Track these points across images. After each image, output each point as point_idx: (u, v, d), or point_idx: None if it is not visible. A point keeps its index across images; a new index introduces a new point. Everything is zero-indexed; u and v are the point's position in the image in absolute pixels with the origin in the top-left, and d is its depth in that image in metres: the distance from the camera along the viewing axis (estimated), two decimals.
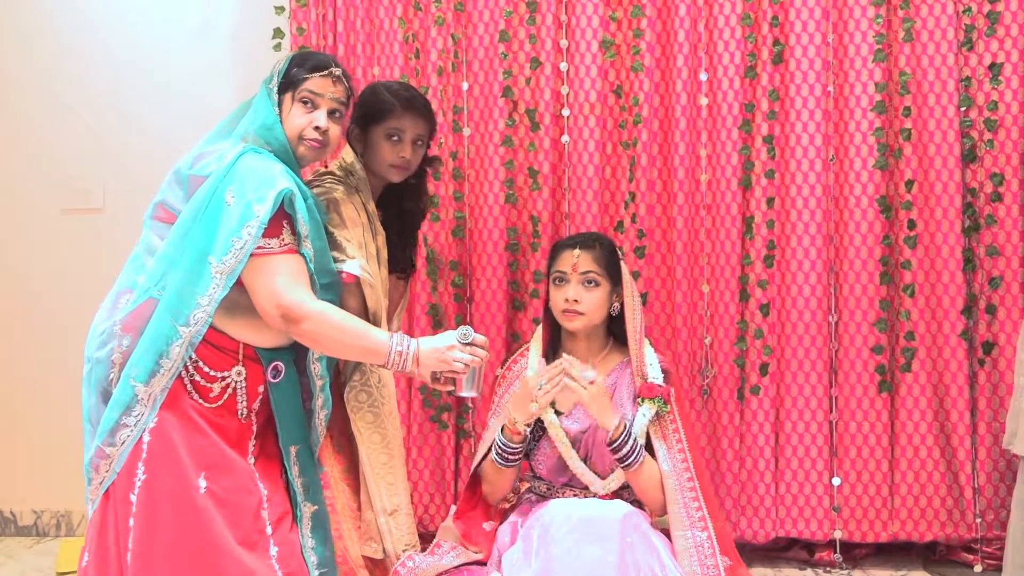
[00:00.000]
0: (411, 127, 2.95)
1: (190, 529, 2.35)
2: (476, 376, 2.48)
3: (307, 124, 2.56)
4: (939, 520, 3.82)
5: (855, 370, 3.84)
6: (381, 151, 2.94)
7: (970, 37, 3.75)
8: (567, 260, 2.91)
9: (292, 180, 2.47)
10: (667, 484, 2.84)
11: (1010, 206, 3.75)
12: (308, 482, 2.61)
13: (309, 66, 2.60)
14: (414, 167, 3.00)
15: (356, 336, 2.45)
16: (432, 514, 3.96)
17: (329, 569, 2.59)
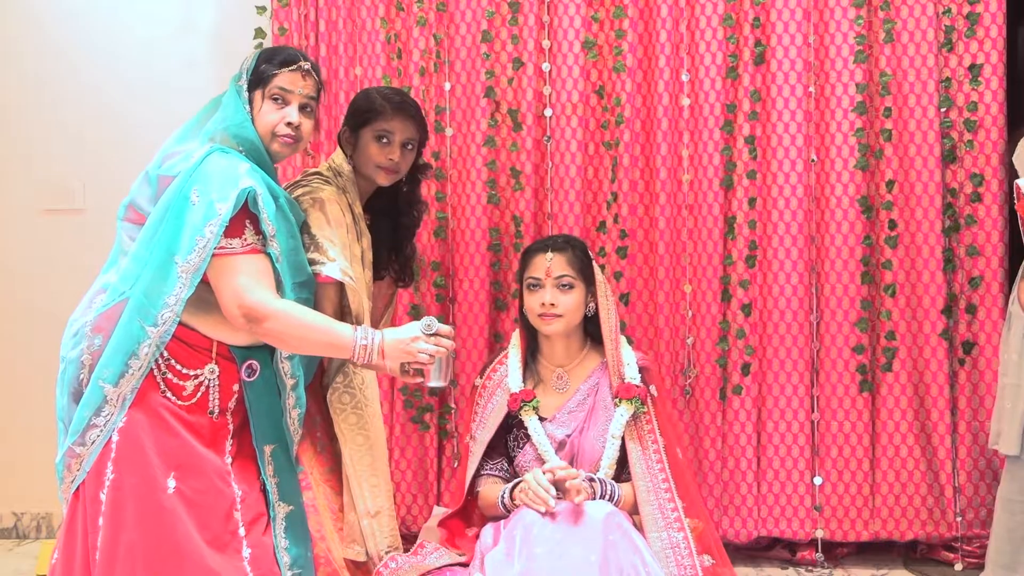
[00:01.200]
0: (400, 130, 2.93)
1: (153, 530, 2.33)
2: (443, 366, 2.46)
3: (279, 120, 2.53)
4: (920, 519, 3.82)
5: (836, 370, 3.83)
6: (369, 152, 2.92)
7: (950, 38, 3.75)
8: (540, 265, 2.88)
9: (259, 178, 2.44)
10: (638, 486, 2.83)
11: (990, 206, 3.75)
12: (283, 482, 2.56)
13: (278, 61, 2.56)
14: (403, 171, 2.98)
15: (320, 332, 2.44)
16: (415, 515, 3.94)
17: (304, 569, 2.54)
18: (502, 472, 2.93)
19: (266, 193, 2.43)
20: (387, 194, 3.04)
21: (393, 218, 3.09)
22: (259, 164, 2.51)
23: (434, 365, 2.44)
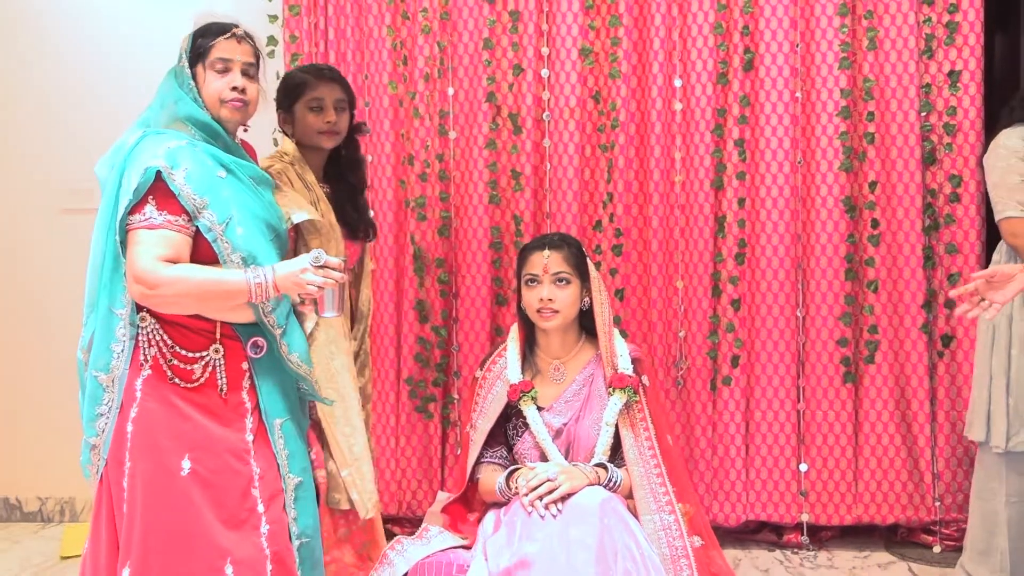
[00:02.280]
0: (328, 93, 3.02)
1: (164, 513, 2.35)
2: (335, 297, 2.44)
3: (224, 87, 2.48)
4: (900, 504, 3.85)
5: (821, 362, 3.86)
6: (308, 122, 3.01)
7: (930, 46, 3.77)
8: (537, 262, 2.90)
9: (186, 154, 2.39)
10: (632, 472, 2.84)
11: (968, 206, 3.77)
12: (292, 454, 2.52)
13: (213, 32, 2.52)
14: (343, 131, 3.06)
15: (213, 284, 2.35)
16: (420, 500, 3.96)
17: (311, 539, 2.54)
18: (502, 459, 2.94)
19: (194, 168, 2.38)
20: (335, 162, 3.11)
21: (345, 179, 3.15)
22: (212, 137, 2.47)
23: (326, 296, 2.42)
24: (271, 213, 2.55)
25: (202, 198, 2.37)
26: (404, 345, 3.97)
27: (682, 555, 2.78)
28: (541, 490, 2.72)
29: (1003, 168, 3.27)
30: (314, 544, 2.57)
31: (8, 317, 4.32)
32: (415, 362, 3.96)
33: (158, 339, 2.40)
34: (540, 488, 2.72)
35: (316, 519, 2.59)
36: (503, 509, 2.82)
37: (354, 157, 3.18)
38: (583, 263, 2.94)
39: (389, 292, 3.98)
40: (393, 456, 3.98)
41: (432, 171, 3.93)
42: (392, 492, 3.98)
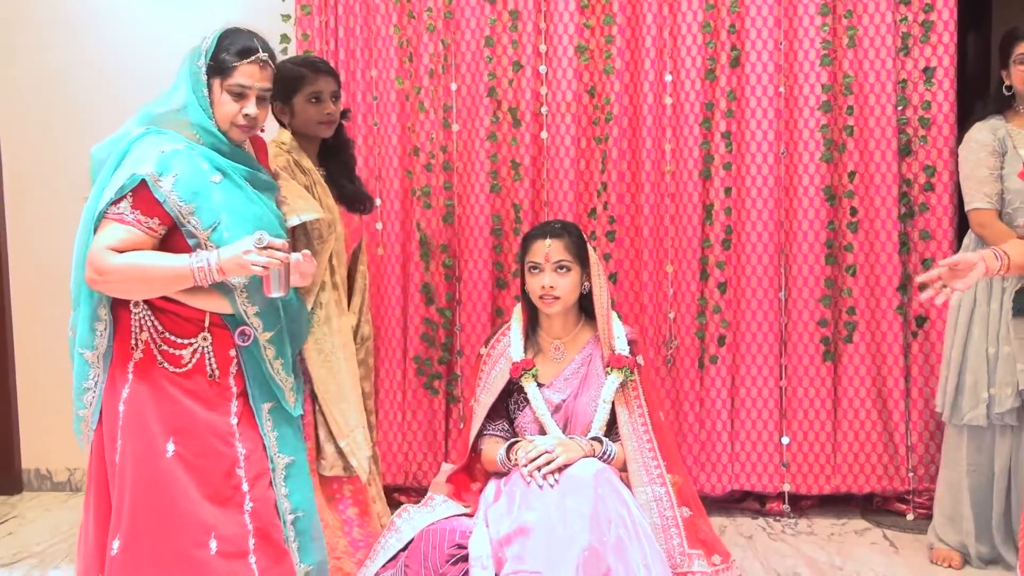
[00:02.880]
0: (325, 86, 3.04)
1: (149, 490, 2.35)
2: (280, 278, 2.33)
3: (237, 112, 2.42)
4: (876, 474, 3.86)
5: (802, 341, 3.86)
6: (307, 114, 3.03)
7: (907, 44, 3.76)
8: (540, 250, 2.89)
9: (182, 160, 2.35)
10: (626, 446, 2.85)
11: (941, 195, 3.77)
12: (282, 436, 2.51)
13: (236, 51, 2.43)
14: (337, 120, 3.10)
15: (159, 270, 2.32)
16: (425, 470, 3.97)
17: (305, 514, 2.54)
18: (503, 432, 2.95)
19: (185, 173, 2.34)
20: (327, 147, 3.14)
21: (340, 160, 3.18)
22: (215, 144, 2.43)
23: (272, 277, 2.32)
24: (267, 217, 2.49)
25: (188, 204, 2.33)
26: (410, 326, 3.97)
27: (672, 524, 2.80)
28: (539, 461, 2.73)
29: (973, 161, 3.27)
30: (310, 518, 2.57)
31: (38, 294, 4.31)
32: (421, 341, 3.96)
33: (149, 325, 2.39)
34: (538, 459, 2.73)
35: (311, 496, 2.59)
36: (503, 479, 2.83)
37: (344, 139, 3.21)
38: (583, 250, 2.94)
39: (396, 276, 3.97)
40: (400, 430, 3.99)
41: (436, 162, 3.92)
42: (399, 464, 3.99)
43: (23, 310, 4.32)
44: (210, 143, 2.42)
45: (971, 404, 3.29)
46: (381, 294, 3.97)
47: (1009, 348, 3.21)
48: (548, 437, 2.83)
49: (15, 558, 3.64)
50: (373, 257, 3.93)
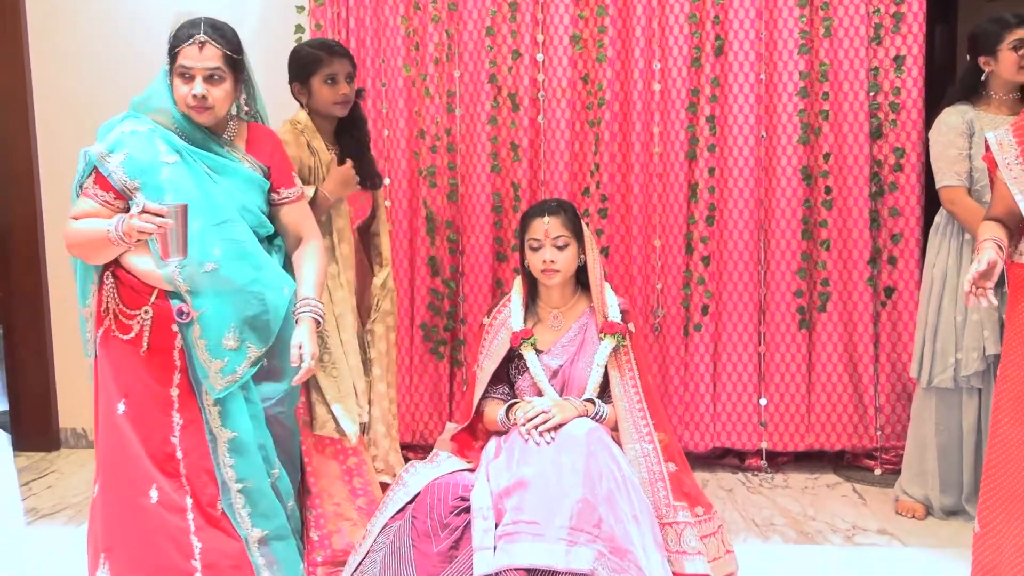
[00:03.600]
0: (340, 68, 3.00)
1: (107, 439, 2.47)
2: (171, 241, 2.24)
3: (187, 94, 2.39)
4: (847, 433, 3.88)
5: (780, 310, 3.87)
6: (323, 95, 3.00)
7: (878, 34, 3.74)
8: (539, 228, 2.87)
9: (134, 140, 2.39)
10: (618, 406, 2.86)
11: (909, 175, 3.76)
12: (225, 411, 2.45)
13: (179, 36, 2.42)
14: (352, 100, 3.06)
15: (91, 234, 2.36)
16: (431, 429, 3.99)
17: (253, 483, 2.49)
18: (504, 395, 2.95)
19: (136, 153, 2.38)
20: (342, 124, 3.11)
21: (353, 138, 3.14)
22: (180, 128, 2.43)
23: (162, 242, 2.25)
24: (219, 199, 2.43)
25: (133, 180, 2.37)
26: (417, 296, 3.97)
27: (659, 478, 2.81)
28: (536, 421, 2.74)
29: (944, 143, 3.27)
30: (260, 488, 2.50)
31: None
32: (427, 310, 3.97)
33: (112, 294, 2.44)
34: (536, 419, 2.74)
35: (258, 467, 2.51)
36: (503, 437, 2.84)
37: (358, 118, 3.17)
38: (578, 226, 2.93)
39: (404, 250, 3.97)
40: (408, 392, 4.00)
41: (441, 144, 3.91)
42: (407, 423, 4.01)
43: (58, 276, 4.27)
44: (178, 127, 2.43)
45: (940, 368, 3.30)
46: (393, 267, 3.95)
47: (977, 316, 3.21)
48: (545, 398, 2.84)
49: (55, 509, 3.67)
50: None
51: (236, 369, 2.44)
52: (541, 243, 2.87)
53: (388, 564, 2.59)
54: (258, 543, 2.49)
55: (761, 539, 3.30)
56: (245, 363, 2.45)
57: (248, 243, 2.46)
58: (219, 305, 2.41)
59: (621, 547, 2.56)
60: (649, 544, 2.66)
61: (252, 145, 2.57)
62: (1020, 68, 3.20)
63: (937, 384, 3.32)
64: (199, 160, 2.42)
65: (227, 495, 2.46)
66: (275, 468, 2.58)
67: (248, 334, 2.46)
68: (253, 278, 2.45)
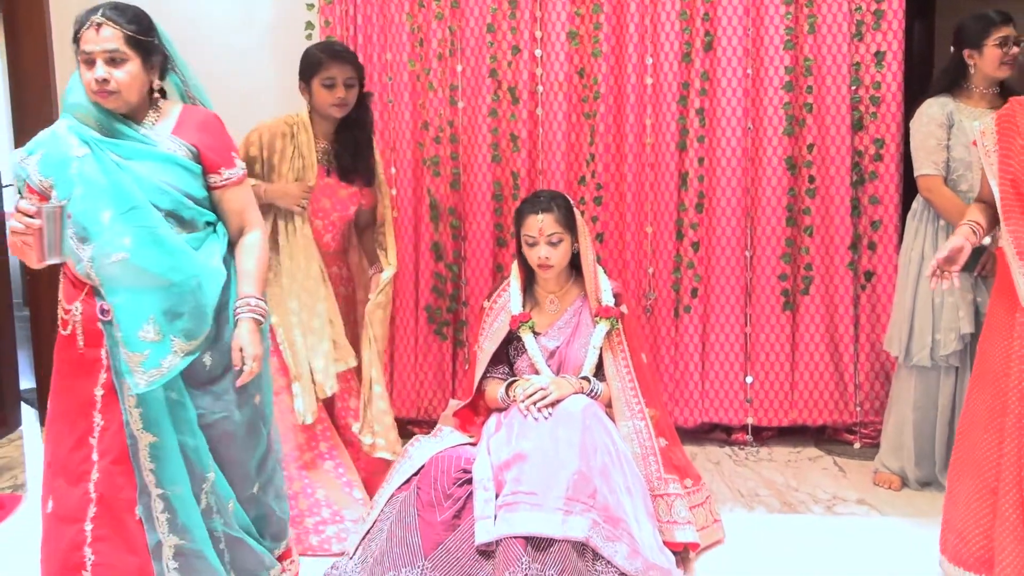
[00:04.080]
0: (340, 73, 2.96)
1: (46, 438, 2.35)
2: (44, 242, 2.05)
3: (91, 80, 2.18)
4: (828, 409, 3.89)
5: (765, 293, 3.87)
6: (321, 97, 2.97)
7: (860, 30, 3.72)
8: (533, 225, 2.86)
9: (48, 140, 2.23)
10: (612, 385, 2.87)
11: (888, 165, 3.76)
12: (146, 415, 2.20)
13: (78, 23, 2.22)
14: (351, 104, 3.01)
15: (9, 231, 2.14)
16: (435, 405, 3.99)
17: (177, 491, 2.23)
18: (503, 375, 2.97)
19: (50, 151, 2.21)
20: (348, 121, 3.07)
21: (350, 136, 3.08)
22: (94, 119, 2.23)
23: (37, 245, 2.06)
24: (130, 187, 2.19)
25: (48, 179, 2.20)
26: (422, 279, 3.98)
27: (650, 452, 2.83)
28: (535, 397, 2.75)
29: (924, 133, 3.27)
30: (182, 496, 2.24)
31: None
32: (431, 293, 3.97)
33: (60, 290, 2.30)
34: (534, 396, 2.76)
35: (182, 473, 2.25)
36: (503, 413, 2.85)
37: (361, 118, 3.11)
38: (572, 218, 2.92)
39: (409, 236, 3.97)
40: (412, 370, 4.01)
41: (444, 135, 3.90)
42: (412, 400, 4.02)
43: None
44: (94, 119, 2.23)
45: (918, 347, 3.31)
46: (398, 252, 3.94)
47: (953, 298, 3.22)
48: (542, 376, 2.85)
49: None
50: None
51: (160, 363, 2.17)
52: (536, 240, 2.87)
53: (394, 532, 2.62)
54: (173, 551, 2.25)
55: (747, 509, 3.31)
56: (170, 357, 2.18)
57: (161, 229, 2.19)
58: (134, 296, 2.18)
59: (614, 516, 2.59)
60: (641, 514, 2.68)
61: (181, 127, 2.31)
62: (1002, 64, 3.21)
63: (916, 363, 3.33)
64: (108, 149, 2.21)
65: (146, 498, 2.23)
66: (209, 472, 2.30)
67: (170, 326, 2.19)
68: (170, 266, 2.19)
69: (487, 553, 2.53)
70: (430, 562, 2.53)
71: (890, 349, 3.46)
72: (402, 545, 2.58)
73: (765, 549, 2.95)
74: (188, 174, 2.27)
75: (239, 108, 2.97)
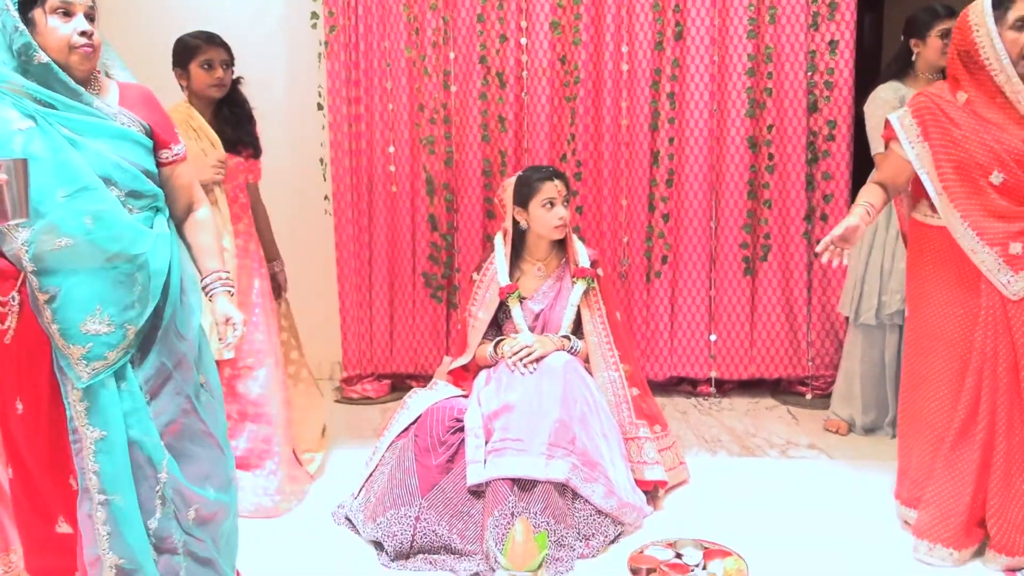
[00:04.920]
0: (216, 55, 2.85)
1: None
2: (8, 200, 1.67)
3: (72, 32, 1.83)
4: (783, 363, 3.92)
5: (728, 260, 3.88)
6: (200, 79, 2.84)
7: (816, 21, 3.71)
8: (552, 189, 2.83)
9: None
10: (589, 341, 2.89)
11: (840, 144, 3.76)
12: (92, 408, 1.84)
13: None
14: (227, 84, 2.89)
15: None
16: (431, 361, 4.00)
17: (118, 497, 1.85)
18: (492, 337, 2.98)
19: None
20: (226, 104, 2.94)
21: (231, 113, 2.95)
22: (48, 82, 1.82)
23: (4, 199, 1.67)
24: (82, 167, 1.83)
25: None
26: (418, 248, 3.98)
27: (623, 401, 2.86)
28: (521, 354, 2.77)
29: (879, 115, 3.23)
30: (124, 506, 1.86)
31: None
32: (428, 261, 3.97)
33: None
34: (520, 352, 2.78)
35: (125, 474, 1.87)
36: (492, 369, 2.87)
37: (236, 98, 2.97)
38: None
39: (407, 209, 3.96)
40: (411, 331, 4.03)
41: (439, 116, 3.88)
42: (410, 356, 4.04)
43: None
44: (30, 91, 1.82)
45: (866, 307, 3.34)
46: (396, 223, 3.96)
47: (902, 264, 3.25)
48: (528, 334, 2.87)
49: None
50: (389, 193, 3.92)
51: (106, 355, 1.84)
52: (556, 201, 2.85)
53: (394, 476, 2.64)
54: (113, 570, 1.87)
55: (710, 453, 3.35)
56: (122, 346, 1.86)
57: (117, 212, 1.86)
58: (78, 284, 1.83)
59: (592, 460, 2.62)
60: (616, 457, 2.72)
61: (126, 101, 1.97)
62: (943, 54, 3.20)
63: (863, 322, 3.36)
64: (57, 123, 1.83)
65: (88, 505, 1.86)
66: (161, 472, 1.91)
67: (122, 313, 1.86)
68: (123, 246, 1.85)
69: (478, 493, 2.56)
70: (426, 501, 2.56)
71: (843, 311, 3.49)
72: (401, 486, 2.61)
73: (726, 489, 2.99)
74: (143, 150, 1.95)
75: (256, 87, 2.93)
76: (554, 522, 2.50)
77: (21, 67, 1.81)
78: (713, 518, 2.73)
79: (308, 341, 3.37)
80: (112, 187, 1.87)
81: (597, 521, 2.58)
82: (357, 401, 3.99)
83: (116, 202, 1.86)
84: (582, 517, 2.57)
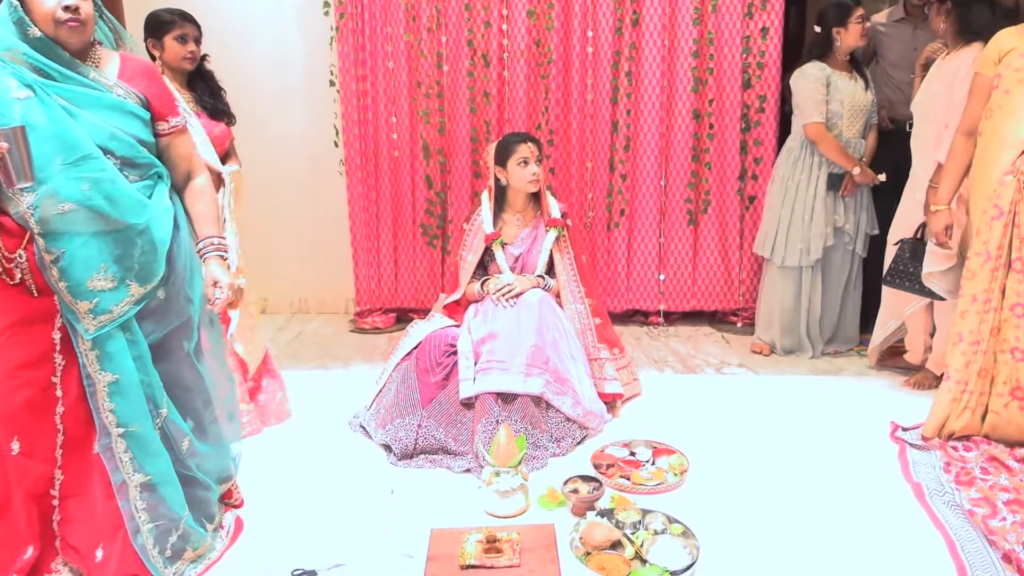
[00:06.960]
0: (190, 31, 2.59)
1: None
2: (13, 166, 1.57)
3: (56, 7, 1.65)
4: (719, 297, 3.92)
5: (675, 213, 3.84)
6: (174, 51, 2.57)
7: (751, 10, 3.61)
8: (526, 150, 2.77)
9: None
10: (560, 279, 2.87)
11: (768, 115, 3.70)
12: (103, 355, 1.73)
13: None
14: (198, 58, 2.63)
15: None
16: (429, 297, 3.97)
17: (138, 427, 1.78)
18: (479, 276, 2.94)
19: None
20: (196, 78, 2.66)
21: (204, 84, 2.66)
22: (36, 61, 1.66)
23: (9, 165, 1.56)
24: (80, 136, 1.67)
25: None
26: (417, 203, 3.90)
27: (588, 329, 2.84)
28: (503, 290, 2.74)
29: (811, 89, 3.18)
30: (142, 431, 1.78)
31: None
32: (425, 214, 3.90)
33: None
34: (503, 289, 2.74)
35: (141, 411, 1.78)
36: (479, 303, 2.84)
37: (205, 70, 2.67)
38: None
39: (407, 170, 3.87)
40: (412, 272, 3.98)
41: (433, 92, 3.77)
42: (412, 294, 4.00)
43: None
44: (31, 60, 1.66)
45: (792, 253, 3.33)
46: (399, 183, 3.88)
47: (823, 215, 3.23)
48: (509, 274, 2.82)
49: None
50: (392, 157, 3.82)
51: (111, 308, 1.72)
52: (529, 160, 2.79)
53: (400, 391, 2.64)
54: (139, 488, 1.80)
55: (658, 371, 3.35)
56: (124, 302, 1.74)
57: (116, 179, 1.71)
58: (82, 245, 1.69)
59: (562, 377, 2.61)
60: (582, 374, 2.71)
61: (126, 74, 1.79)
62: (862, 36, 3.14)
63: (787, 264, 3.34)
64: (55, 93, 1.66)
65: (106, 439, 1.77)
66: (162, 408, 1.83)
67: (125, 272, 1.73)
68: (120, 213, 1.71)
69: (468, 405, 2.55)
70: (426, 411, 2.56)
71: (760, 251, 3.47)
72: (405, 399, 2.60)
73: (671, 400, 3.00)
74: (139, 121, 1.78)
75: (276, 67, 2.80)
76: (531, 427, 2.50)
77: (22, 38, 1.67)
78: (661, 424, 2.74)
79: (326, 282, 3.32)
80: (109, 156, 1.71)
81: (566, 426, 2.58)
82: (368, 331, 3.95)
83: (114, 170, 1.71)
84: (554, 423, 2.57)
